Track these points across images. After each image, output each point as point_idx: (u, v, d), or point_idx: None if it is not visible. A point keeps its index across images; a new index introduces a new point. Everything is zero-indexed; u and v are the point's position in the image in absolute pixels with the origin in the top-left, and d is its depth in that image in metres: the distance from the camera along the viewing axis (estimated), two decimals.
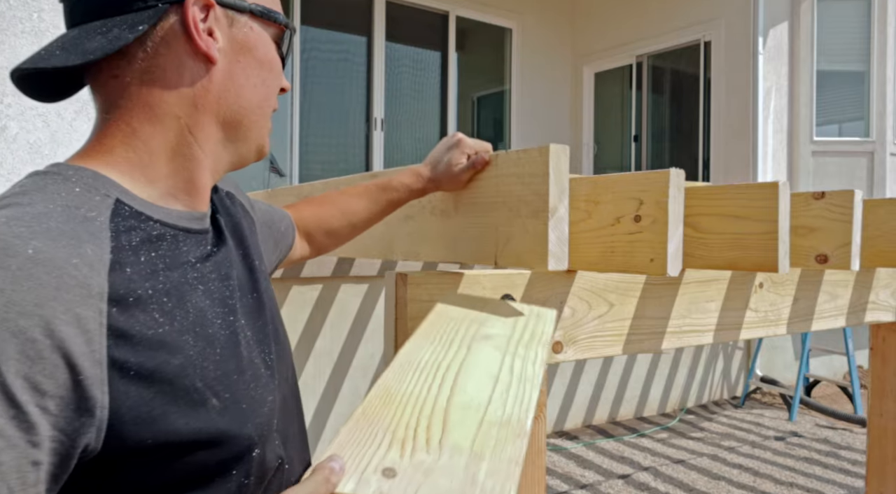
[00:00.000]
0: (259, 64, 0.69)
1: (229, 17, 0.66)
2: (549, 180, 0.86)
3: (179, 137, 0.65)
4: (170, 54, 0.63)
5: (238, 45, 0.67)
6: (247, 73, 0.68)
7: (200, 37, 0.63)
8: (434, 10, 6.02)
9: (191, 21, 0.63)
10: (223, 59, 0.66)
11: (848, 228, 1.11)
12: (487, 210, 0.98)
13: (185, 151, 0.65)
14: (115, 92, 0.63)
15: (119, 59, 0.63)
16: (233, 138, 0.69)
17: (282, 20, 0.71)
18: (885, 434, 1.77)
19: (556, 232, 0.86)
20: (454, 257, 1.05)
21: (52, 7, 2.91)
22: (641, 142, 6.46)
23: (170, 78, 0.63)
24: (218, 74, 0.66)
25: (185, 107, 0.64)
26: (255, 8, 0.68)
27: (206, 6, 0.64)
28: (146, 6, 0.62)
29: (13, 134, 2.82)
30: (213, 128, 0.67)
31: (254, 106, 0.69)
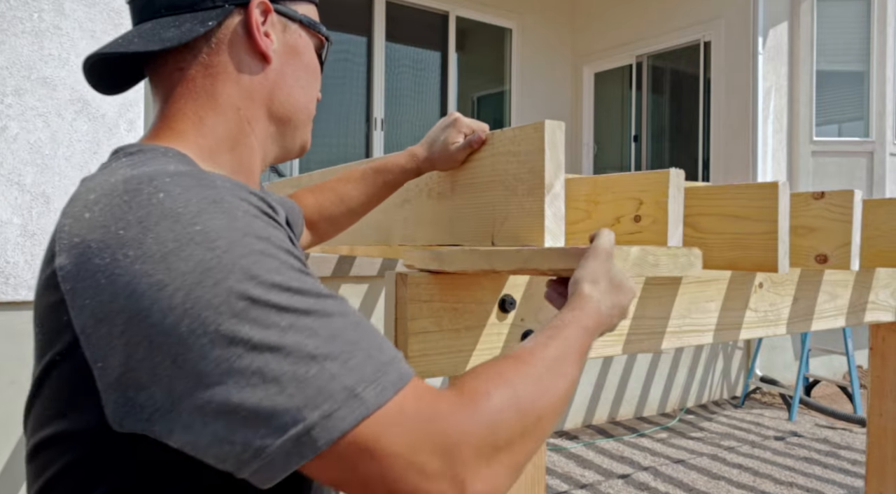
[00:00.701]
0: (305, 68, 0.77)
1: (283, 23, 0.74)
2: (545, 156, 0.85)
3: (239, 127, 0.71)
4: (232, 51, 0.70)
5: (289, 48, 0.75)
6: (296, 75, 0.75)
7: (260, 37, 0.70)
8: (434, 10, 6.02)
9: (253, 22, 0.70)
10: (277, 59, 0.73)
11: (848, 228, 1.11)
12: (484, 189, 0.98)
13: (244, 140, 0.72)
14: (181, 83, 0.69)
15: (185, 52, 0.69)
16: (282, 133, 0.76)
17: (324, 32, 0.79)
18: (884, 434, 1.77)
19: (552, 208, 0.86)
20: (451, 239, 1.05)
21: (52, 7, 2.91)
22: (641, 142, 6.46)
23: (230, 72, 0.70)
24: (272, 73, 0.73)
25: (243, 99, 0.71)
26: (305, 18, 0.76)
27: (265, 11, 0.71)
28: (214, 5, 0.69)
29: (13, 134, 2.82)
30: (266, 122, 0.74)
31: (301, 105, 0.77)
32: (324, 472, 0.51)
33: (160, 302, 0.49)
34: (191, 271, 0.49)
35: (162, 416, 0.50)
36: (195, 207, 0.52)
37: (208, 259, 0.50)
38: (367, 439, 0.49)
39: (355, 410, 0.49)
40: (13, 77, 2.83)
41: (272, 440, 0.48)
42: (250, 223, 0.53)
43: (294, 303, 0.51)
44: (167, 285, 0.49)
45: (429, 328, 0.95)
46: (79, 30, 2.97)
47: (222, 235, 0.51)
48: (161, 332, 0.49)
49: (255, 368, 0.48)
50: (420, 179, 1.14)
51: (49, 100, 2.90)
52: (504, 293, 1.03)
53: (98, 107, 3.01)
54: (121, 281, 0.50)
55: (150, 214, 0.52)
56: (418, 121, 6.04)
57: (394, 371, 0.53)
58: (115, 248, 0.51)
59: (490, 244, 0.95)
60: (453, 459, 0.51)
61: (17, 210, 2.82)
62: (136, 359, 0.49)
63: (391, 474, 0.50)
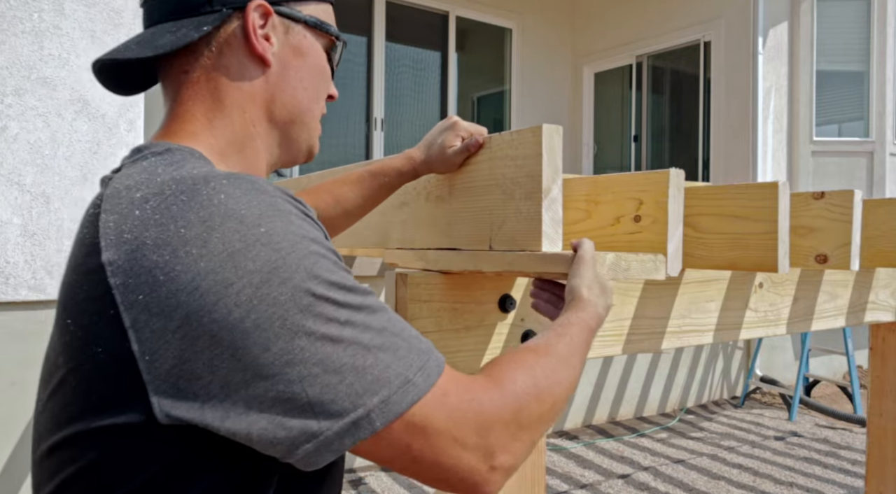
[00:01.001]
0: (310, 69, 0.76)
1: (285, 25, 0.74)
2: (543, 161, 0.85)
3: (245, 130, 0.72)
4: (232, 54, 0.71)
5: (292, 50, 0.74)
6: (299, 77, 0.75)
7: (258, 40, 0.71)
8: (434, 10, 6.02)
9: (250, 26, 0.70)
10: (278, 62, 0.73)
11: (848, 228, 1.11)
12: (481, 193, 0.97)
13: (250, 143, 0.73)
14: (186, 85, 0.71)
15: (188, 55, 0.71)
16: (287, 136, 0.77)
17: (333, 32, 0.78)
18: (884, 434, 1.77)
19: (549, 212, 0.86)
20: (449, 242, 1.05)
21: (52, 7, 2.91)
22: (641, 142, 6.46)
23: (233, 75, 0.71)
24: (273, 76, 0.73)
25: (246, 102, 0.72)
26: (310, 19, 0.76)
27: (265, 14, 0.71)
28: (212, 10, 0.70)
29: (13, 134, 2.82)
30: (269, 125, 0.75)
31: (304, 107, 0.77)
32: (377, 451, 0.57)
33: (226, 298, 0.52)
34: (258, 270, 0.53)
35: (216, 405, 0.52)
36: (257, 210, 0.55)
37: (274, 259, 0.54)
38: (419, 419, 0.56)
39: (408, 394, 0.56)
40: (13, 77, 2.83)
41: (331, 424, 0.53)
42: (303, 225, 0.58)
43: (349, 300, 0.56)
44: (234, 283, 0.52)
45: (429, 328, 0.95)
46: (79, 30, 2.97)
47: (285, 237, 0.55)
48: (225, 327, 0.52)
49: (318, 359, 0.53)
50: (418, 182, 1.14)
51: (49, 100, 2.90)
52: (504, 293, 1.03)
53: (98, 107, 3.01)
54: (183, 278, 0.52)
55: (214, 215, 0.54)
56: (418, 121, 6.04)
57: (433, 358, 0.60)
58: (176, 246, 0.53)
59: (487, 248, 0.95)
60: (487, 434, 0.59)
61: (17, 210, 2.82)
62: (193, 352, 0.52)
63: (438, 448, 0.57)
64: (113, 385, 0.54)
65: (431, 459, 0.58)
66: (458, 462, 0.58)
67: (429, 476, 0.59)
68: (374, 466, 3.69)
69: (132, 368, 0.53)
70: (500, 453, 0.60)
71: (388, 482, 3.48)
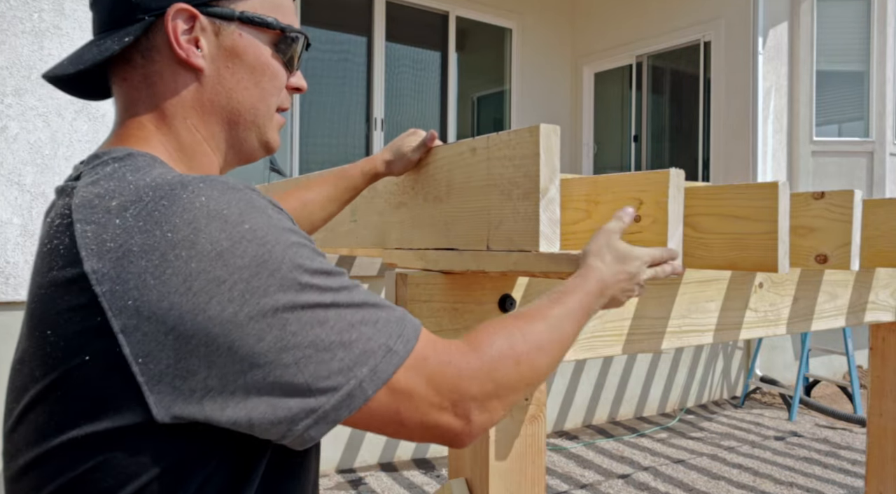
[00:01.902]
0: (250, 68, 0.73)
1: (216, 25, 0.71)
2: (540, 161, 0.85)
3: (190, 135, 0.72)
4: (163, 62, 0.70)
5: (226, 51, 0.72)
6: (237, 78, 0.73)
7: (181, 46, 0.69)
8: (434, 10, 6.02)
9: (170, 32, 0.68)
10: (211, 65, 0.71)
11: (848, 228, 1.11)
12: (479, 193, 0.97)
13: (198, 147, 0.73)
14: (128, 93, 0.71)
15: (125, 65, 0.70)
16: (234, 137, 0.75)
17: (276, 25, 0.74)
18: (884, 434, 1.77)
19: (547, 212, 0.86)
20: (447, 242, 1.05)
21: (52, 7, 2.91)
22: (641, 142, 6.46)
23: (167, 82, 0.70)
24: (208, 80, 0.71)
25: (185, 109, 0.71)
26: (244, 15, 0.72)
27: (190, 17, 0.69)
28: (135, 20, 0.68)
29: (13, 134, 2.82)
30: (215, 128, 0.73)
31: (246, 107, 0.74)
32: (368, 421, 0.61)
33: (219, 295, 0.54)
34: (247, 266, 0.55)
35: (214, 397, 0.55)
36: (237, 208, 0.57)
37: (261, 254, 0.56)
38: (403, 385, 0.61)
39: (392, 361, 0.60)
40: (13, 77, 2.82)
41: (327, 398, 0.57)
42: (280, 218, 0.60)
43: (330, 284, 0.60)
44: (225, 280, 0.54)
45: (429, 328, 0.95)
46: (79, 30, 2.97)
47: (269, 232, 0.58)
48: (219, 323, 0.54)
49: (309, 342, 0.56)
50: (416, 182, 1.14)
51: (49, 100, 2.90)
52: (504, 293, 1.03)
53: (98, 107, 3.01)
54: (174, 281, 0.54)
55: (198, 217, 0.56)
56: (418, 121, 6.04)
57: (409, 323, 0.63)
58: (164, 250, 0.54)
59: (485, 248, 0.95)
60: (463, 396, 0.64)
61: (17, 210, 2.82)
62: (188, 350, 0.54)
63: (421, 410, 0.62)
64: (106, 390, 0.55)
65: (416, 421, 0.62)
66: (437, 421, 0.63)
67: (412, 435, 0.64)
68: (374, 466, 3.69)
69: (125, 372, 0.54)
70: (476, 412, 0.65)
71: (388, 482, 3.48)
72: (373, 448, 3.73)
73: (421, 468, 3.72)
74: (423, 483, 3.49)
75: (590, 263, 0.83)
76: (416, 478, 3.55)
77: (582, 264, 0.84)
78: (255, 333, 0.54)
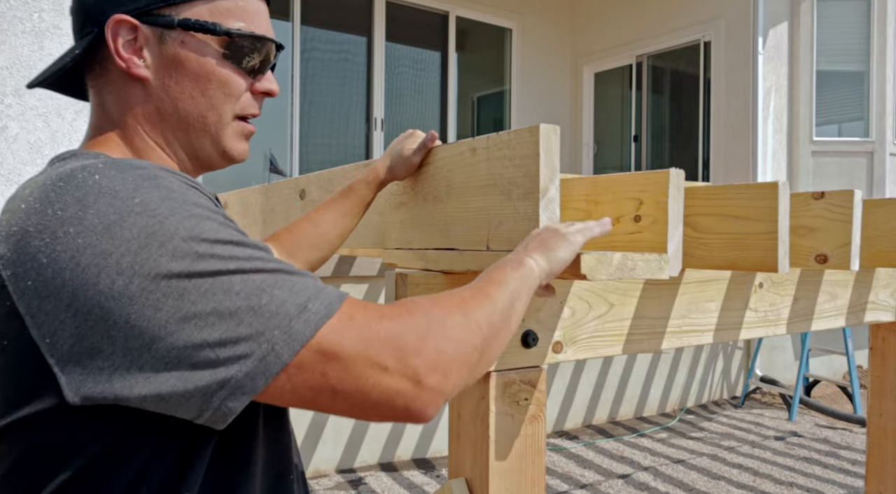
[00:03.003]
0: (194, 76, 0.72)
1: (158, 34, 0.70)
2: (540, 161, 0.85)
3: (144, 142, 0.72)
4: (113, 72, 0.71)
5: (168, 60, 0.71)
6: (181, 87, 0.71)
7: (121, 57, 0.69)
8: (434, 10, 6.02)
9: (110, 44, 0.68)
10: (155, 75, 0.71)
11: (848, 228, 1.11)
12: (479, 193, 0.97)
13: (154, 154, 0.73)
14: (93, 99, 0.73)
15: (89, 72, 0.73)
16: (188, 144, 0.74)
17: (219, 30, 0.71)
18: (884, 434, 1.77)
19: (547, 213, 0.86)
20: (447, 242, 1.05)
21: (52, 7, 2.91)
22: (641, 142, 6.46)
23: (118, 93, 0.71)
24: (154, 89, 0.71)
25: (136, 117, 0.72)
26: (185, 22, 0.70)
27: (132, 28, 0.69)
28: (85, 34, 0.70)
29: (13, 134, 2.82)
30: (168, 136, 0.73)
31: (194, 116, 0.73)
32: (294, 390, 0.56)
33: (107, 268, 0.53)
34: (135, 237, 0.54)
35: (122, 374, 0.53)
36: (132, 184, 0.56)
37: (151, 224, 0.54)
38: (327, 344, 0.56)
39: (310, 320, 0.56)
40: (13, 77, 2.83)
41: (239, 367, 0.54)
42: (186, 192, 0.58)
43: (237, 253, 0.57)
44: (112, 253, 0.53)
45: None
46: None
47: (162, 204, 0.56)
48: (111, 296, 0.52)
49: (211, 309, 0.54)
50: (416, 182, 1.14)
51: (49, 100, 2.90)
52: None
53: None
54: (63, 257, 0.53)
55: (88, 194, 0.55)
56: (418, 121, 6.04)
57: (332, 290, 0.59)
58: (54, 228, 0.54)
59: (485, 248, 0.95)
60: (403, 354, 0.58)
61: None
62: (88, 327, 0.53)
63: (355, 372, 0.56)
64: (23, 375, 0.55)
65: (352, 386, 0.56)
66: (379, 384, 0.57)
67: (356, 406, 0.58)
68: (374, 466, 3.69)
69: (36, 354, 0.54)
70: (425, 372, 0.58)
71: (388, 482, 3.48)
72: (373, 448, 3.73)
73: (421, 468, 3.73)
74: (423, 483, 3.49)
75: (514, 254, 0.79)
76: (416, 478, 3.55)
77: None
78: (151, 304, 0.53)
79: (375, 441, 3.73)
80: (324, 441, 3.53)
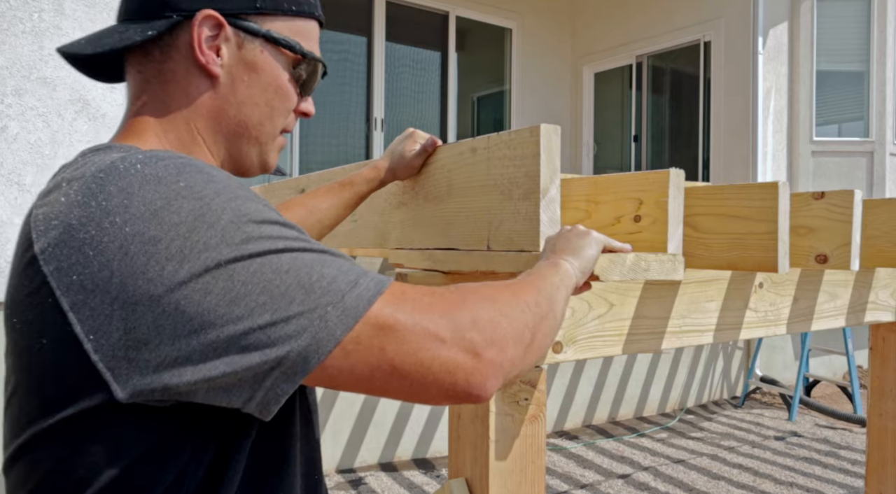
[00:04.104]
0: (264, 86, 0.74)
1: (241, 38, 0.72)
2: (541, 161, 0.85)
3: (191, 136, 0.72)
4: (180, 61, 0.70)
5: (244, 64, 0.72)
6: (249, 92, 0.73)
7: (202, 51, 0.69)
8: (434, 10, 6.02)
9: (195, 36, 0.69)
10: (227, 75, 0.71)
11: (848, 228, 1.11)
12: (479, 193, 0.97)
13: (197, 150, 0.72)
14: (139, 85, 0.71)
15: (143, 57, 0.71)
16: (236, 148, 0.75)
17: (299, 50, 0.74)
18: (885, 434, 1.77)
19: (547, 213, 0.86)
20: (447, 242, 1.05)
21: (52, 7, 2.91)
22: (641, 142, 6.46)
23: (180, 83, 0.71)
24: (221, 88, 0.72)
25: (192, 110, 0.71)
26: (270, 34, 0.73)
27: (217, 25, 0.70)
28: (164, 17, 0.69)
29: (13, 134, 2.82)
30: (217, 136, 0.73)
31: (253, 122, 0.74)
32: (352, 368, 0.54)
33: (157, 255, 0.52)
34: (183, 221, 0.53)
35: (171, 363, 0.52)
36: (174, 169, 0.56)
37: (198, 207, 0.53)
38: (383, 319, 0.55)
39: (363, 295, 0.55)
40: (13, 77, 2.83)
41: (291, 346, 0.52)
42: (228, 178, 0.58)
43: (284, 233, 0.56)
44: (161, 238, 0.52)
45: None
46: (79, 30, 2.96)
47: (207, 186, 0.55)
48: (161, 284, 0.51)
49: (262, 288, 0.53)
50: (417, 182, 1.14)
51: (49, 100, 2.90)
52: None
53: (98, 107, 3.01)
54: (111, 248, 0.52)
55: (132, 182, 0.54)
56: (418, 121, 6.04)
57: (377, 274, 0.58)
58: (99, 218, 0.53)
59: (486, 248, 0.95)
60: (459, 323, 0.57)
61: (17, 210, 2.82)
62: (135, 318, 0.52)
63: (413, 344, 0.55)
64: (65, 374, 0.53)
65: (412, 360, 0.55)
66: (439, 355, 0.56)
67: (415, 383, 0.56)
68: (374, 466, 3.69)
69: (79, 352, 0.52)
70: (483, 345, 0.58)
71: (388, 482, 3.48)
72: (373, 448, 3.73)
73: (421, 468, 3.73)
74: (423, 483, 3.49)
75: (548, 256, 0.81)
76: (416, 478, 3.55)
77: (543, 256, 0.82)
78: (201, 288, 0.51)
79: (375, 440, 3.73)
80: (324, 441, 3.53)
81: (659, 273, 0.88)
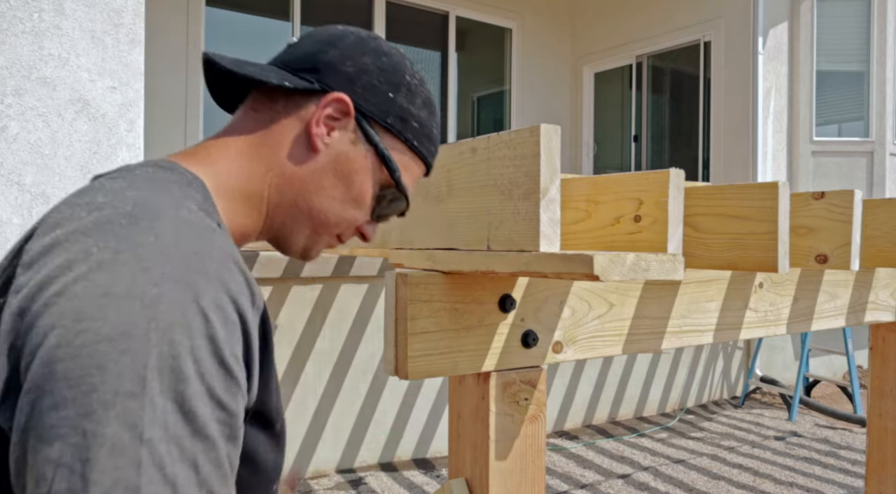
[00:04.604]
0: (350, 185, 0.75)
1: (357, 135, 0.74)
2: (541, 161, 0.85)
3: (261, 184, 0.72)
4: (294, 122, 0.72)
5: (346, 157, 0.74)
6: (334, 182, 0.74)
7: (318, 124, 0.72)
8: (434, 10, 6.02)
9: (321, 108, 0.72)
10: (326, 155, 0.73)
11: (848, 228, 1.11)
12: (480, 193, 0.98)
13: (252, 201, 0.72)
14: (246, 120, 0.74)
15: (267, 99, 0.73)
16: (291, 222, 0.75)
17: (396, 176, 0.76)
18: (884, 434, 1.77)
19: (547, 213, 0.86)
20: (447, 242, 1.05)
21: (52, 7, 2.91)
22: (641, 142, 6.46)
23: (283, 137, 0.72)
24: (315, 164, 0.73)
25: (278, 164, 0.72)
26: (381, 147, 0.75)
27: (344, 112, 0.72)
28: (306, 80, 0.72)
29: (13, 134, 2.82)
30: (283, 199, 0.73)
31: (322, 209, 0.75)
32: None
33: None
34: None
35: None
36: (126, 278, 0.51)
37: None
38: None
39: None
40: (13, 77, 2.83)
41: None
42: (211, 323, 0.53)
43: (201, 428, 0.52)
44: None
45: (429, 328, 0.95)
46: (79, 30, 2.97)
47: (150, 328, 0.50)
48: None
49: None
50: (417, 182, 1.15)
51: (49, 100, 2.90)
52: (504, 293, 1.03)
53: (98, 107, 3.01)
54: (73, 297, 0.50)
55: (121, 274, 0.51)
56: None
57: None
58: (79, 273, 0.50)
59: (486, 248, 0.95)
60: None
61: (17, 210, 2.82)
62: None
63: None
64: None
65: None
66: None
67: None
68: (374, 466, 3.69)
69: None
70: None
71: (387, 482, 3.48)
72: (373, 448, 3.73)
73: (421, 468, 3.73)
74: (423, 483, 3.49)
75: None
76: (416, 478, 3.55)
77: None
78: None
79: (375, 440, 3.73)
80: (324, 441, 3.53)
81: (659, 273, 0.88)
